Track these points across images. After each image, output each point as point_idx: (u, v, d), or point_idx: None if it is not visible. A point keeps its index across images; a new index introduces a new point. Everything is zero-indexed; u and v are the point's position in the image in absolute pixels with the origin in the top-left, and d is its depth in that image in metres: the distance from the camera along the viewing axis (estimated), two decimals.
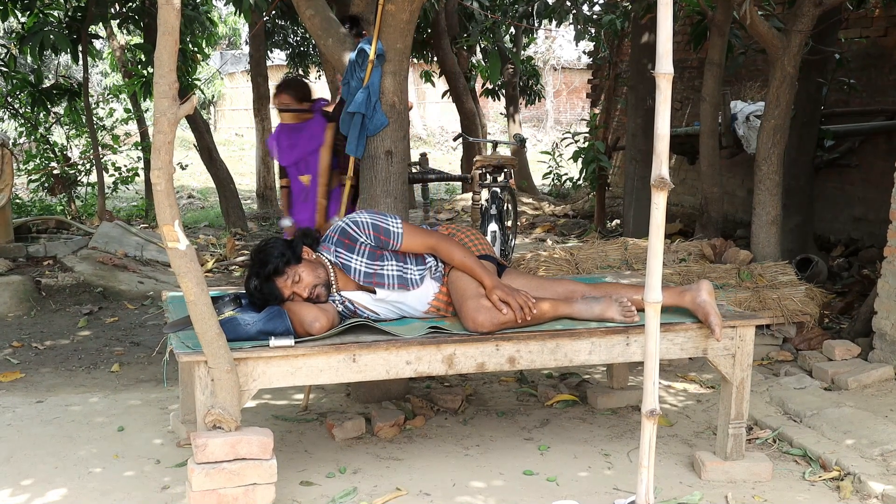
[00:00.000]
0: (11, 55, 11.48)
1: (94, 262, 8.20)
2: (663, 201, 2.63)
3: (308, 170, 5.66)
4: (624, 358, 3.84)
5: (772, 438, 4.43)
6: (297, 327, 3.59)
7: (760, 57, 9.44)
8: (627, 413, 4.81)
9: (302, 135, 5.64)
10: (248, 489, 3.34)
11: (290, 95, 5.67)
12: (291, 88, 5.72)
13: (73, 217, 11.65)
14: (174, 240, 3.07)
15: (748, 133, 8.42)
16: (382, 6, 4.53)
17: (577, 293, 4.03)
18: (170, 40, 2.89)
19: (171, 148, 3.01)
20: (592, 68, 14.44)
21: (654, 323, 2.73)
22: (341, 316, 3.83)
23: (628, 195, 9.54)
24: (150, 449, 4.31)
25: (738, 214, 10.17)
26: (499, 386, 5.31)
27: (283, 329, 3.52)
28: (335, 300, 3.85)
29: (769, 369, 5.56)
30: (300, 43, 15.55)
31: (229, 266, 9.07)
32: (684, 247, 6.93)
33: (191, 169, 16.06)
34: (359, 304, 3.87)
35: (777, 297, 5.80)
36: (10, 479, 3.93)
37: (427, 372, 3.64)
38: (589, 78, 14.78)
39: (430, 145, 25.24)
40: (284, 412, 4.80)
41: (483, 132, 14.02)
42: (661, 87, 2.56)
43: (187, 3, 10.83)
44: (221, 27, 21.01)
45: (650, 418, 2.75)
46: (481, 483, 3.90)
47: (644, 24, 8.90)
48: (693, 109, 11.03)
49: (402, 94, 4.67)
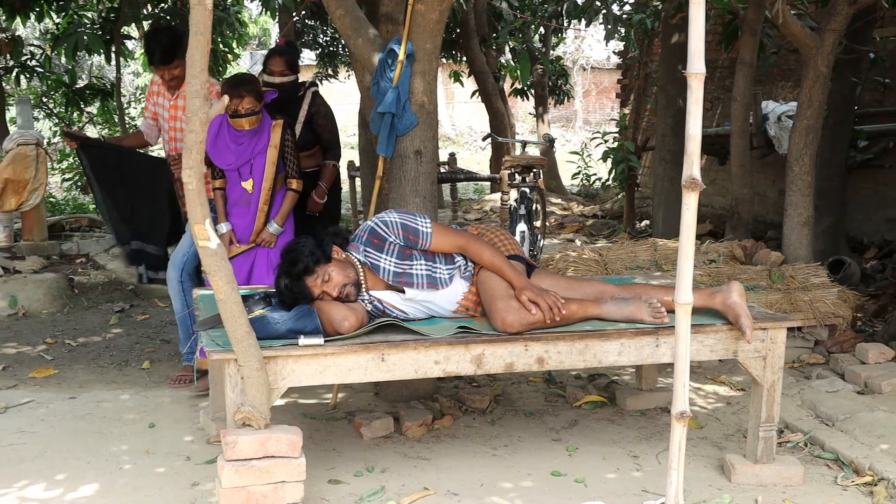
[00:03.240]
0: (46, 56, 11.61)
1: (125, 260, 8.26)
2: (694, 202, 2.61)
3: (252, 174, 5.00)
4: (653, 359, 3.82)
5: (803, 442, 4.39)
6: (326, 326, 3.61)
7: (793, 56, 9.35)
8: (656, 415, 4.78)
9: (244, 134, 4.95)
10: (276, 487, 3.36)
11: (253, 98, 4.90)
12: (254, 90, 4.95)
13: None
14: (205, 238, 3.09)
15: (780, 133, 8.35)
16: (412, 6, 4.54)
17: (606, 294, 4.02)
18: (202, 41, 2.90)
19: (202, 147, 3.02)
20: (622, 68, 14.38)
21: (685, 324, 2.71)
22: (370, 315, 3.84)
23: (658, 196, 9.47)
24: (181, 446, 4.34)
25: (769, 215, 10.08)
26: (527, 386, 5.30)
27: (313, 328, 3.53)
28: (364, 299, 3.86)
29: (800, 372, 5.51)
30: (330, 43, 15.58)
31: None
32: (714, 248, 6.88)
33: None
34: (388, 304, 3.88)
35: (809, 299, 5.75)
36: (44, 473, 3.98)
37: (455, 372, 3.65)
38: (618, 78, 14.72)
39: (459, 145, 25.21)
40: (313, 411, 4.82)
41: (512, 132, 13.99)
42: (693, 87, 2.54)
43: (217, 4, 10.90)
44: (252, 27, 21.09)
45: (680, 420, 2.73)
46: (509, 483, 3.90)
47: (675, 23, 8.84)
48: (724, 110, 10.94)
49: (431, 94, 4.67)
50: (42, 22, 11.17)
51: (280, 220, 5.09)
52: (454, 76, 14.78)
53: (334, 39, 15.31)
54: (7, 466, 4.06)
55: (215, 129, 4.98)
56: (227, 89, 4.89)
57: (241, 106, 4.86)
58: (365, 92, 4.98)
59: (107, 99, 11.92)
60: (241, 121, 4.89)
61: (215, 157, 5.00)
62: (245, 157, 4.97)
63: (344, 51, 15.13)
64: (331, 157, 5.70)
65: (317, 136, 5.62)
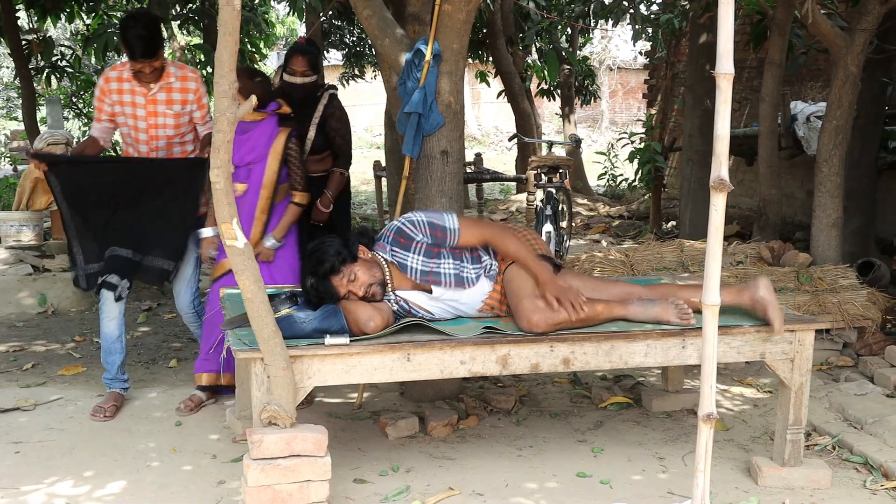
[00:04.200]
0: (76, 56, 11.73)
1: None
2: (722, 203, 2.59)
3: (248, 178, 4.77)
4: (680, 361, 3.80)
5: (831, 445, 4.36)
6: (352, 326, 3.62)
7: (822, 56, 9.27)
8: (682, 416, 4.76)
9: (248, 137, 4.75)
10: (302, 486, 3.37)
11: (260, 89, 4.68)
12: (262, 81, 4.81)
13: None
14: (232, 237, 3.11)
15: (808, 134, 8.28)
16: (439, 6, 4.54)
17: (633, 295, 4.00)
18: (230, 41, 2.92)
19: (230, 147, 3.05)
20: (649, 68, 14.31)
21: (712, 326, 2.69)
22: (396, 315, 3.85)
23: (685, 196, 9.43)
24: (207, 444, 4.37)
25: (797, 216, 10.01)
26: (552, 387, 5.29)
27: (339, 327, 3.55)
28: (390, 299, 3.87)
29: (829, 374, 5.46)
30: (356, 43, 15.63)
31: None
32: (742, 249, 6.83)
33: None
34: (413, 304, 3.88)
35: (837, 301, 5.70)
36: (73, 469, 4.02)
37: (481, 372, 3.64)
38: (645, 78, 14.65)
39: (485, 145, 25.21)
40: (339, 410, 4.84)
41: (538, 132, 13.96)
42: (722, 87, 2.52)
43: (245, 4, 10.97)
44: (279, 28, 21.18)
45: (707, 422, 2.71)
46: (534, 484, 3.89)
47: (702, 23, 8.79)
48: (752, 110, 10.87)
49: (458, 94, 4.67)
50: (72, 23, 11.27)
51: (279, 234, 4.81)
52: (480, 76, 14.77)
53: (361, 39, 15.36)
54: (36, 463, 4.10)
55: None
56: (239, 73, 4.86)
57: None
58: (391, 92, 4.99)
59: None
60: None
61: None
62: (244, 157, 4.75)
63: (370, 51, 15.17)
64: (340, 164, 5.47)
65: (329, 141, 5.39)
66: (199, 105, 5.05)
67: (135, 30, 4.69)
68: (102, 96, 4.98)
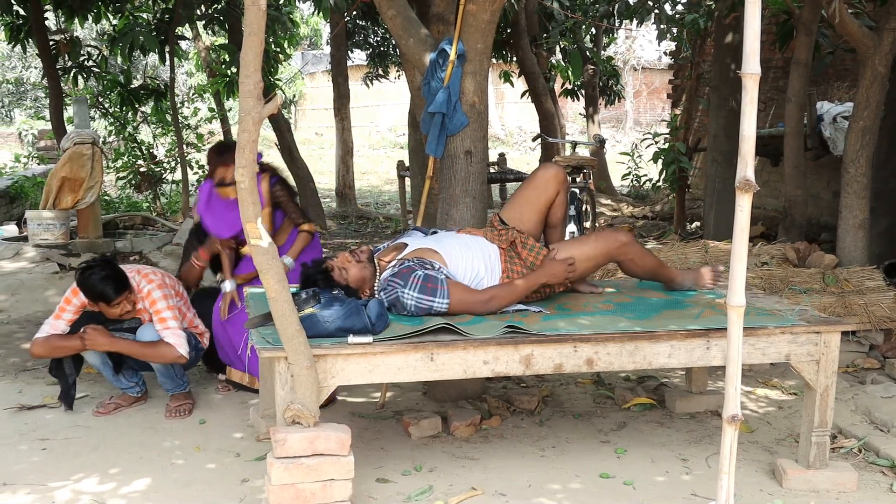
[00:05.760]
0: (103, 56, 11.82)
1: (178, 258, 8.38)
2: (748, 204, 2.58)
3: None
4: (704, 362, 3.78)
5: (857, 448, 4.32)
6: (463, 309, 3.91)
7: (849, 56, 9.19)
8: (706, 418, 4.74)
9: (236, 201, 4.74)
10: (325, 484, 3.38)
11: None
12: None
13: (158, 214, 11.94)
14: (257, 237, 3.12)
15: (835, 134, 8.22)
16: (464, 6, 4.55)
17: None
18: (255, 41, 2.94)
19: (255, 147, 3.06)
20: (674, 68, 14.24)
21: (737, 327, 2.68)
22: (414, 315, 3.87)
23: (709, 197, 9.38)
24: (231, 442, 4.39)
25: (823, 217, 9.93)
26: (575, 388, 5.28)
27: (362, 326, 3.55)
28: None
29: (855, 377, 5.42)
30: (380, 43, 15.64)
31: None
32: (767, 250, 6.80)
33: None
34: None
35: (864, 302, 5.65)
36: (98, 466, 4.05)
37: (504, 372, 3.64)
38: (670, 78, 14.59)
39: (509, 146, 25.19)
40: (362, 409, 4.85)
41: (562, 133, 13.93)
42: (748, 87, 2.51)
43: (270, 4, 11.01)
44: (303, 28, 21.27)
45: (732, 424, 2.70)
46: (557, 485, 3.89)
47: (728, 23, 8.75)
48: (777, 110, 10.80)
49: (482, 94, 4.67)
50: (99, 23, 11.36)
51: (294, 254, 4.94)
52: (504, 76, 14.75)
53: (385, 39, 15.37)
54: (62, 459, 4.14)
55: (205, 198, 5.02)
56: (213, 157, 4.90)
57: (226, 175, 4.77)
58: (416, 92, 5.00)
59: (161, 99, 12.11)
60: (227, 189, 4.81)
61: (214, 227, 4.99)
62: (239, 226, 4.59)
63: (394, 51, 15.19)
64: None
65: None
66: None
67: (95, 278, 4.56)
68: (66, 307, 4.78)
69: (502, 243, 4.20)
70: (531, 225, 4.38)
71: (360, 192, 16.08)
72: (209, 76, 13.35)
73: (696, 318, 3.88)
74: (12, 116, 28.66)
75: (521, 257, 4.18)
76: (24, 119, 21.33)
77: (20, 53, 20.81)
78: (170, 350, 4.56)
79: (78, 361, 4.83)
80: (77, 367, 4.83)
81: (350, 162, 14.28)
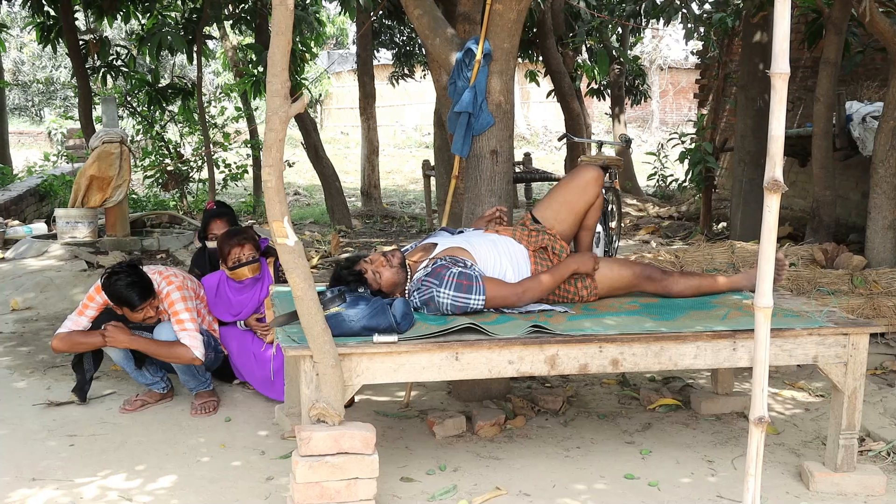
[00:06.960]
0: (131, 56, 11.91)
1: None
2: (776, 204, 2.56)
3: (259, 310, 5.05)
4: (730, 363, 3.76)
5: (886, 451, 4.28)
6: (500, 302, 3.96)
7: (879, 55, 9.10)
8: (732, 419, 4.71)
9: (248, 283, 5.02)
10: (350, 483, 3.39)
11: (252, 245, 4.97)
12: (251, 237, 5.01)
13: (185, 212, 12.02)
14: (283, 235, 3.13)
15: (864, 135, 8.15)
16: (490, 6, 4.54)
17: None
18: (283, 40, 2.95)
19: (281, 146, 3.07)
20: (700, 68, 14.16)
21: (765, 328, 2.66)
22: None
23: (736, 197, 9.32)
24: (256, 440, 4.41)
25: (851, 218, 9.84)
26: (600, 388, 5.26)
27: (387, 325, 3.56)
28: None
29: (883, 379, 5.36)
30: (406, 42, 15.66)
31: (334, 262, 9.21)
32: (794, 251, 6.76)
33: (297, 166, 16.41)
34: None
35: (893, 304, 5.60)
36: (125, 463, 4.09)
37: (529, 372, 3.64)
38: (697, 78, 14.50)
39: (534, 145, 25.15)
40: (386, 408, 4.86)
41: (588, 132, 13.89)
42: (777, 87, 2.49)
43: (297, 4, 11.05)
44: (329, 27, 21.33)
45: (758, 425, 2.69)
46: (582, 485, 3.88)
47: (756, 22, 8.69)
48: (805, 110, 10.71)
49: (508, 93, 4.66)
50: (128, 23, 11.43)
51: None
52: (530, 76, 14.72)
53: (411, 39, 15.40)
54: (89, 456, 4.17)
55: (214, 288, 5.08)
56: (225, 242, 4.98)
57: (241, 254, 4.94)
58: (441, 91, 5.00)
59: (188, 98, 12.18)
60: (243, 270, 4.94)
61: (216, 310, 5.10)
62: (249, 309, 5.04)
63: (420, 50, 15.20)
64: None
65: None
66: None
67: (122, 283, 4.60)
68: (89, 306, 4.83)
69: (531, 245, 4.19)
70: (566, 226, 4.37)
71: (386, 192, 16.10)
72: (236, 75, 13.42)
73: (722, 319, 3.86)
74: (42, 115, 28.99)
75: (551, 262, 4.19)
76: (53, 118, 21.57)
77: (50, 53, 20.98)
78: (185, 351, 4.61)
79: (98, 358, 4.89)
80: (97, 363, 4.90)
81: (375, 161, 14.31)
